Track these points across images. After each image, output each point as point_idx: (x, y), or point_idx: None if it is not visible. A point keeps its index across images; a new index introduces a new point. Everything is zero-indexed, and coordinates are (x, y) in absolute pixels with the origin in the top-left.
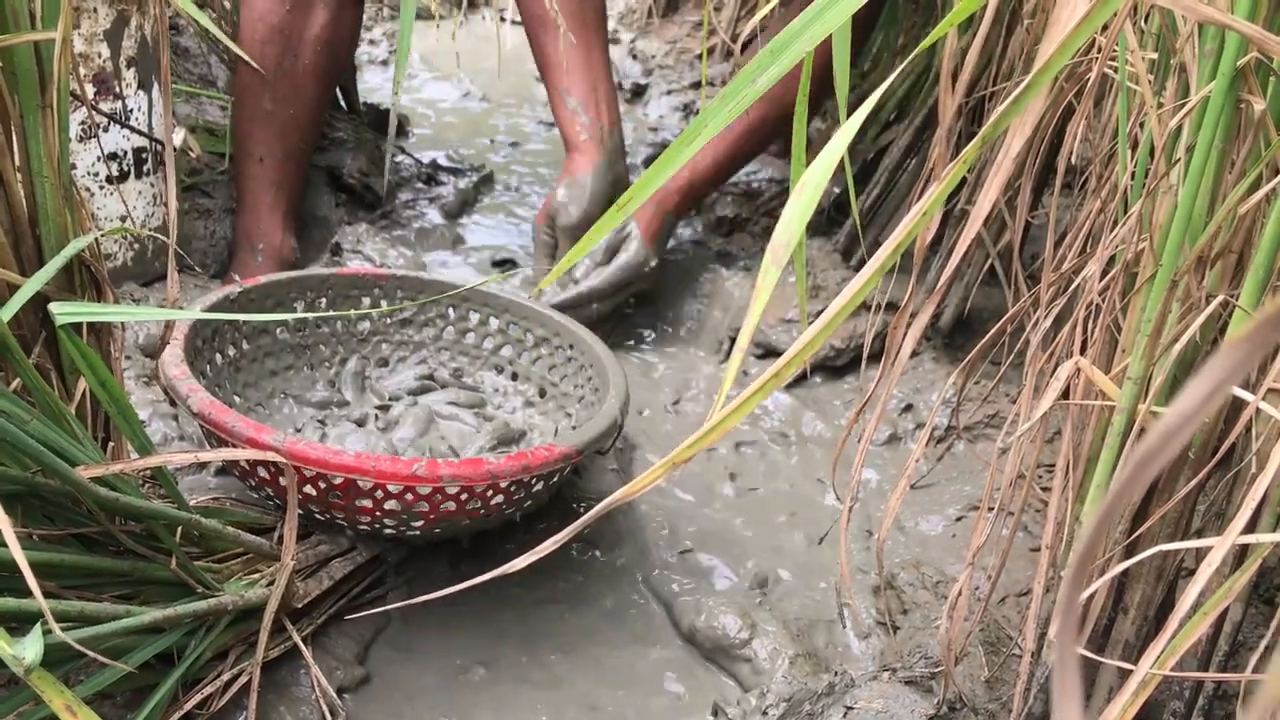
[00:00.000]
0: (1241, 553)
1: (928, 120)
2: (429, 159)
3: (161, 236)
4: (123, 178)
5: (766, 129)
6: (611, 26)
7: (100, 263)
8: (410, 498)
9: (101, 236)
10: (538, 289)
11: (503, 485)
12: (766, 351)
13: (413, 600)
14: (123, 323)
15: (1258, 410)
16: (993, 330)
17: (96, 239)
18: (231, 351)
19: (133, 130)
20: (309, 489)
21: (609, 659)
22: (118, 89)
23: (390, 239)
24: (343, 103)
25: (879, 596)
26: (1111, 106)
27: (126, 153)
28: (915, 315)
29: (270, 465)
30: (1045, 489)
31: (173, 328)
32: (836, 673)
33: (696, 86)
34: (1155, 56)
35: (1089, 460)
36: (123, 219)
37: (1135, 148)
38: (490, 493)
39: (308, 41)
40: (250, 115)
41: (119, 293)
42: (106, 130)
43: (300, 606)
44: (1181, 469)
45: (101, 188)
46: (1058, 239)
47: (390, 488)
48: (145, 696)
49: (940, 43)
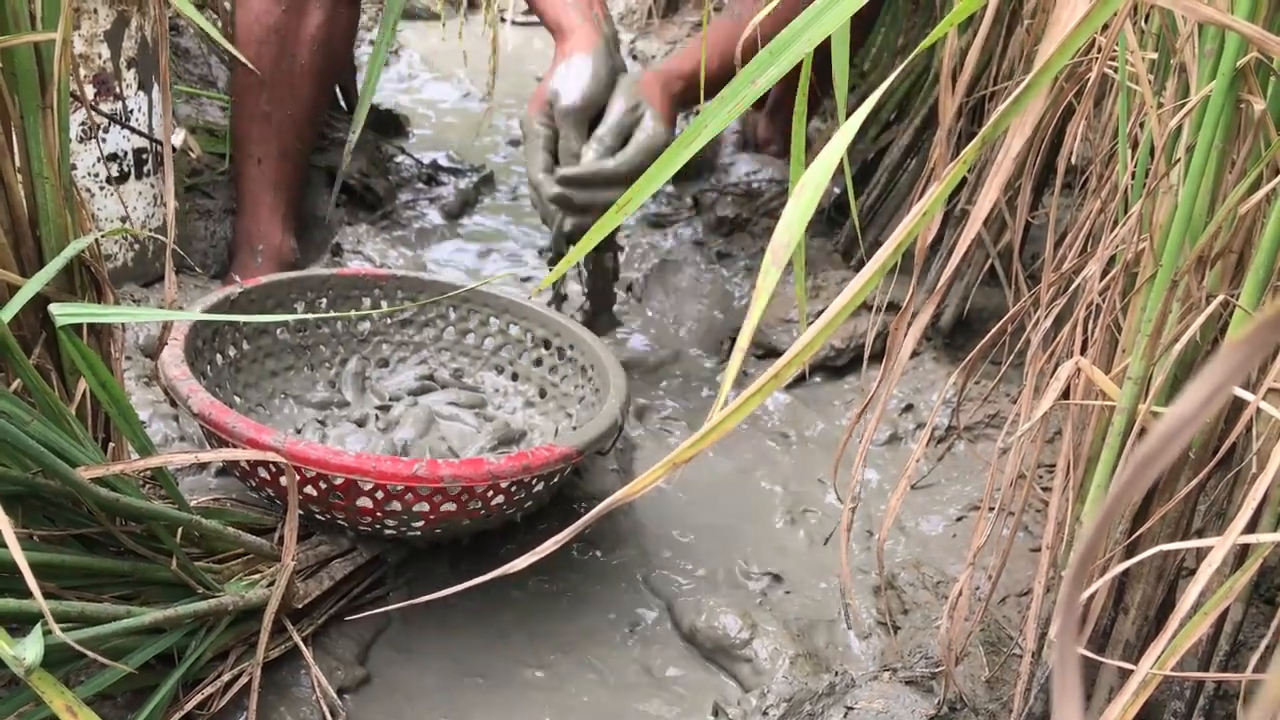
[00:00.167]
0: (1242, 552)
1: (928, 120)
2: (429, 159)
3: (161, 237)
4: (123, 178)
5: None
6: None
7: (100, 263)
8: (411, 498)
9: (102, 237)
10: (538, 289)
11: (503, 485)
12: (767, 352)
13: (413, 600)
14: (123, 323)
15: (1258, 410)
16: (993, 330)
17: (97, 240)
18: (232, 352)
19: (133, 131)
20: (310, 489)
21: (610, 659)
22: (118, 90)
23: (390, 239)
24: (342, 103)
25: (879, 596)
26: (1111, 106)
27: (127, 153)
28: (916, 315)
29: (271, 466)
30: (1046, 489)
31: (172, 328)
32: (837, 673)
33: None
34: (1155, 56)
35: (1089, 460)
36: (123, 220)
37: (1135, 148)
38: (491, 493)
39: (304, 41)
40: (248, 116)
41: (119, 293)
42: (107, 131)
43: (301, 607)
44: (1182, 469)
45: (102, 188)
46: (1058, 239)
47: (391, 488)
48: (146, 697)
49: (940, 43)
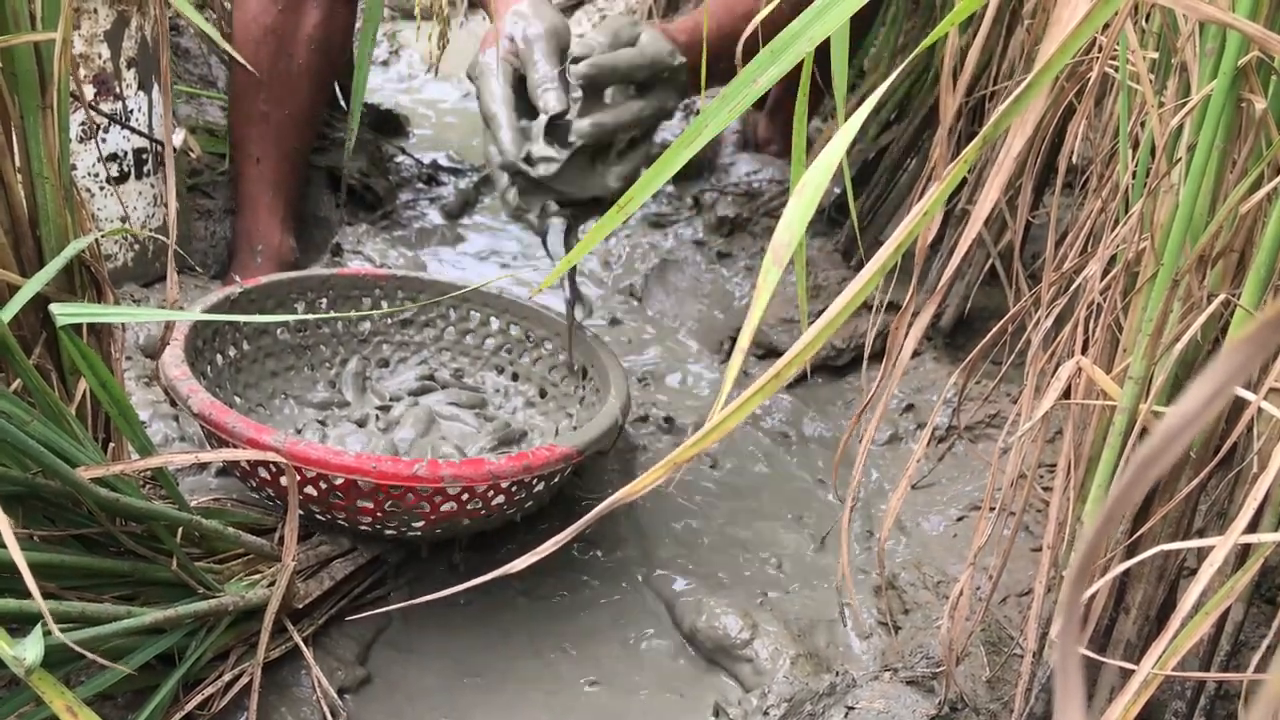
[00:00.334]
0: (1243, 552)
1: (928, 120)
2: (429, 159)
3: (162, 237)
4: (123, 178)
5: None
6: None
7: (100, 263)
8: (411, 498)
9: (102, 237)
10: (538, 289)
11: (504, 486)
12: (767, 351)
13: (414, 600)
14: (123, 323)
15: (1259, 410)
16: (994, 330)
17: (97, 240)
18: (232, 352)
19: (133, 131)
20: (310, 490)
21: (610, 659)
22: (118, 90)
23: (391, 239)
24: (342, 102)
25: (880, 596)
26: (1112, 106)
27: (127, 153)
28: (916, 315)
29: (271, 466)
30: (1046, 489)
31: (173, 328)
32: (838, 673)
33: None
34: (1156, 56)
35: (1090, 460)
36: (123, 220)
37: (1136, 147)
38: (491, 493)
39: (301, 41)
40: (246, 117)
41: (119, 293)
42: (107, 131)
43: (301, 607)
44: (1183, 469)
45: (102, 188)
46: (1059, 238)
47: (391, 488)
48: (146, 697)
49: (940, 42)
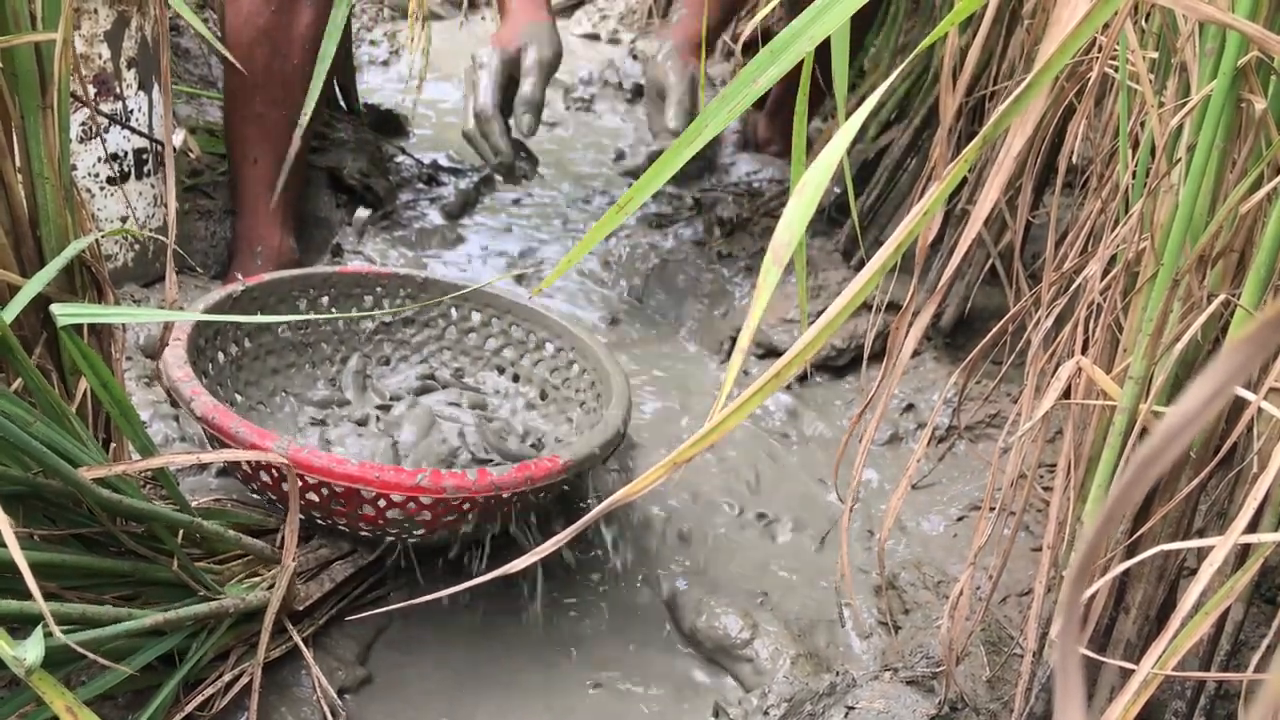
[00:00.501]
0: (1243, 552)
1: (928, 120)
2: (430, 159)
3: (162, 237)
4: (123, 178)
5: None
6: (611, 27)
7: (101, 264)
8: (413, 507)
9: (102, 237)
10: (538, 289)
11: (505, 496)
12: (767, 351)
13: (414, 601)
14: (123, 324)
15: (1259, 410)
16: (994, 330)
17: (97, 240)
18: (234, 349)
19: (133, 131)
20: (311, 495)
21: (610, 659)
22: (118, 90)
23: (391, 239)
24: (342, 103)
25: (880, 596)
26: (1112, 106)
27: (127, 154)
28: (916, 315)
29: (273, 470)
30: (1047, 489)
31: (173, 329)
32: (838, 673)
33: None
34: (1156, 56)
35: (1090, 460)
36: (123, 220)
37: (1136, 147)
38: (493, 503)
39: (295, 41)
40: (243, 118)
41: (120, 293)
42: (107, 131)
43: (301, 609)
44: (1183, 469)
45: (102, 188)
46: (1059, 238)
47: (393, 497)
48: (147, 697)
49: (940, 42)
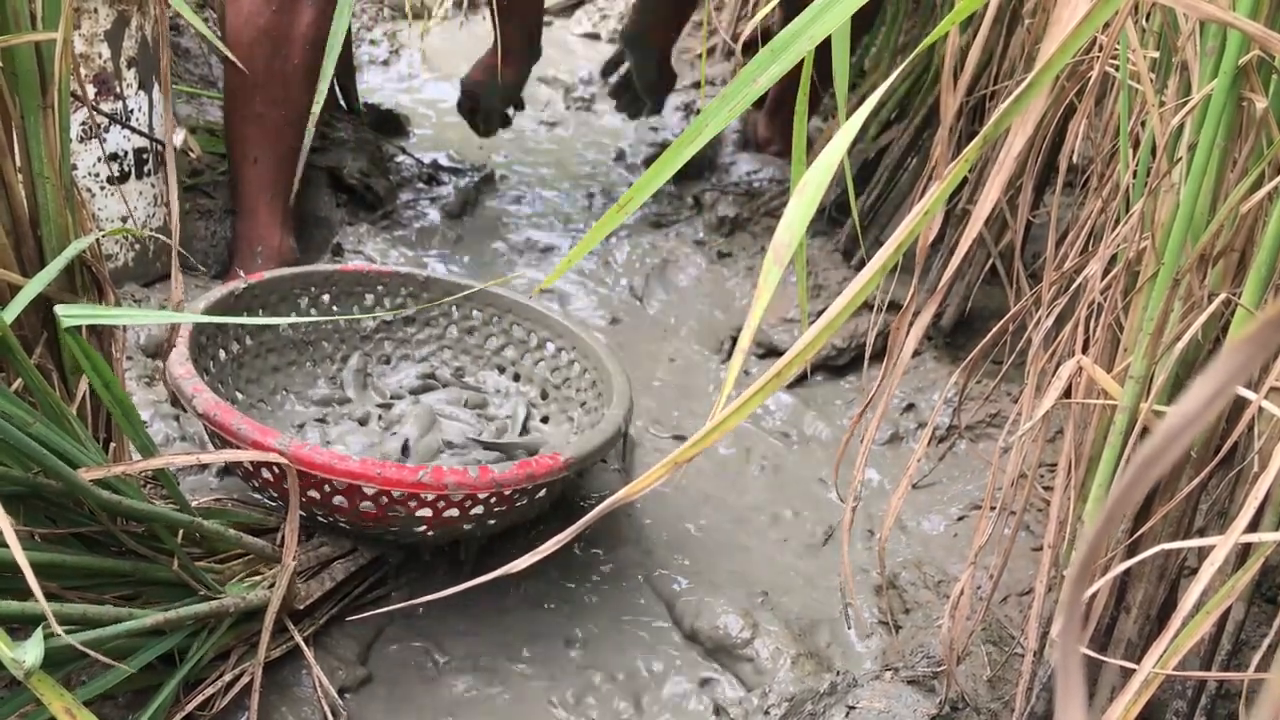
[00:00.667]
0: (1244, 552)
1: (928, 119)
2: (430, 159)
3: (163, 237)
4: (123, 178)
5: None
6: (612, 26)
7: (101, 263)
8: (414, 504)
9: (103, 237)
10: (538, 289)
11: (506, 493)
12: (768, 351)
13: (414, 601)
14: (124, 324)
15: (1260, 409)
16: (994, 329)
17: (98, 240)
18: (235, 347)
19: (133, 131)
20: (313, 493)
21: (611, 659)
22: (118, 89)
23: (391, 239)
24: (342, 103)
25: (881, 596)
26: (1113, 105)
27: (127, 153)
28: (917, 314)
29: (274, 468)
30: (1047, 488)
31: (177, 329)
32: (839, 672)
33: (697, 86)
34: (1157, 55)
35: (1091, 459)
36: (124, 219)
37: (1137, 146)
38: (494, 500)
39: (296, 41)
40: (243, 118)
41: (120, 293)
42: (107, 131)
43: (302, 608)
44: (1184, 468)
45: (102, 188)
46: (1059, 238)
47: (394, 494)
48: (147, 697)
49: (940, 42)
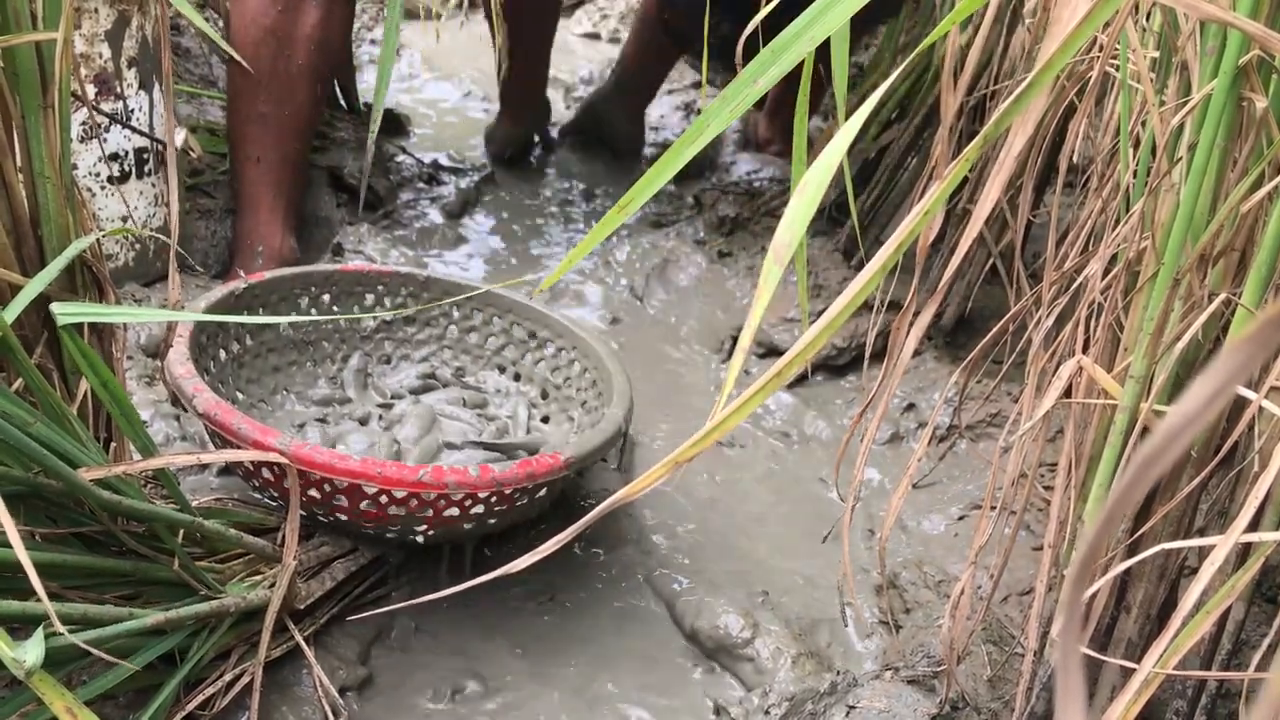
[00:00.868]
0: (1244, 551)
1: (928, 119)
2: (430, 159)
3: (163, 237)
4: (124, 178)
5: None
6: (612, 26)
7: (102, 263)
8: (415, 503)
9: (103, 237)
10: (538, 290)
11: (507, 492)
12: (768, 351)
13: (415, 600)
14: (124, 323)
15: (1260, 409)
16: (995, 329)
17: (98, 239)
18: (235, 347)
19: (134, 130)
20: (313, 492)
21: (611, 659)
22: (119, 89)
23: (392, 239)
24: (343, 102)
25: (881, 596)
26: (1113, 105)
27: (128, 153)
28: (917, 314)
29: (275, 467)
30: (1047, 488)
31: (176, 328)
32: (839, 672)
33: (697, 86)
34: (1157, 55)
35: (1091, 459)
36: (124, 219)
37: (1137, 146)
38: (494, 499)
39: (300, 41)
40: (245, 117)
41: (120, 293)
42: (108, 131)
43: (303, 607)
44: (1184, 468)
45: (103, 188)
46: (1060, 238)
47: (395, 493)
48: (148, 697)
49: (941, 41)
